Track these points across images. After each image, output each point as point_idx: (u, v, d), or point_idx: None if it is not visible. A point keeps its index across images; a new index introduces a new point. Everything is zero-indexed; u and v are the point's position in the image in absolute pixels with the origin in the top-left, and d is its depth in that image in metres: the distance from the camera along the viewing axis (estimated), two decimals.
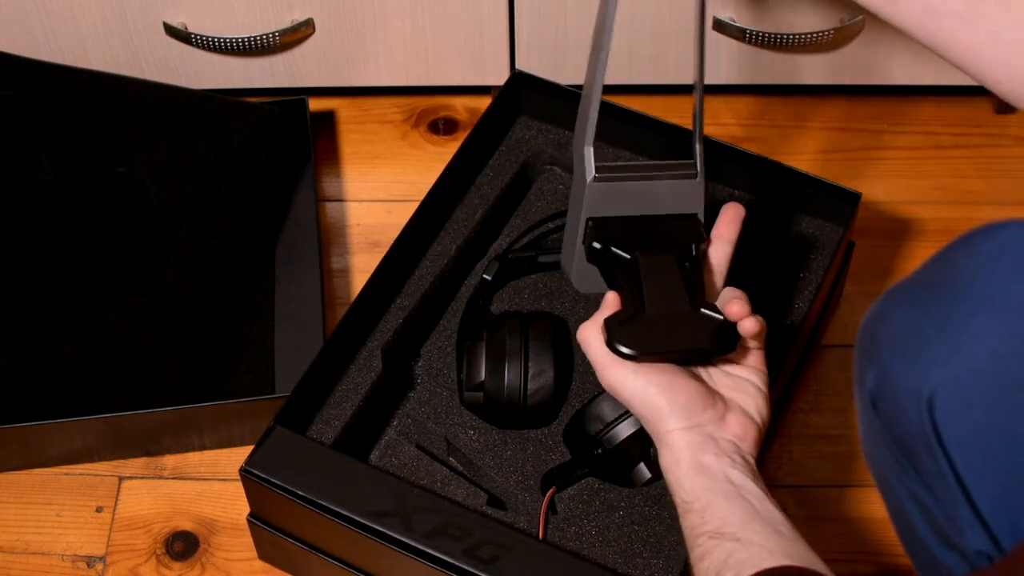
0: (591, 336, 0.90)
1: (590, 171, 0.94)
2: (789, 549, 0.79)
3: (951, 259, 0.75)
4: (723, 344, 0.90)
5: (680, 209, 0.97)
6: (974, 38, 0.82)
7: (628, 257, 0.93)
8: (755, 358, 0.93)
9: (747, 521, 0.81)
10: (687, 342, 0.89)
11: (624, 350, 0.88)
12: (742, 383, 0.91)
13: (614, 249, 0.94)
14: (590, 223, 0.95)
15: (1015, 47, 0.81)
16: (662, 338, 0.89)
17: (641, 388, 0.87)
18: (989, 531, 0.74)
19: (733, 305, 0.90)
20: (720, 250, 0.96)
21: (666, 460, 0.87)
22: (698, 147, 0.98)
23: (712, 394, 0.89)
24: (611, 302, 0.92)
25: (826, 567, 0.78)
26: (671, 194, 0.96)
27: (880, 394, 0.76)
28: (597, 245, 0.94)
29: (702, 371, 0.92)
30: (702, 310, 0.90)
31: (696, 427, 0.86)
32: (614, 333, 0.88)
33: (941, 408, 0.72)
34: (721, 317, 0.90)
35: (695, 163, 0.97)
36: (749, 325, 0.90)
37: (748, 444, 0.88)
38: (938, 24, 0.83)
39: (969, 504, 0.73)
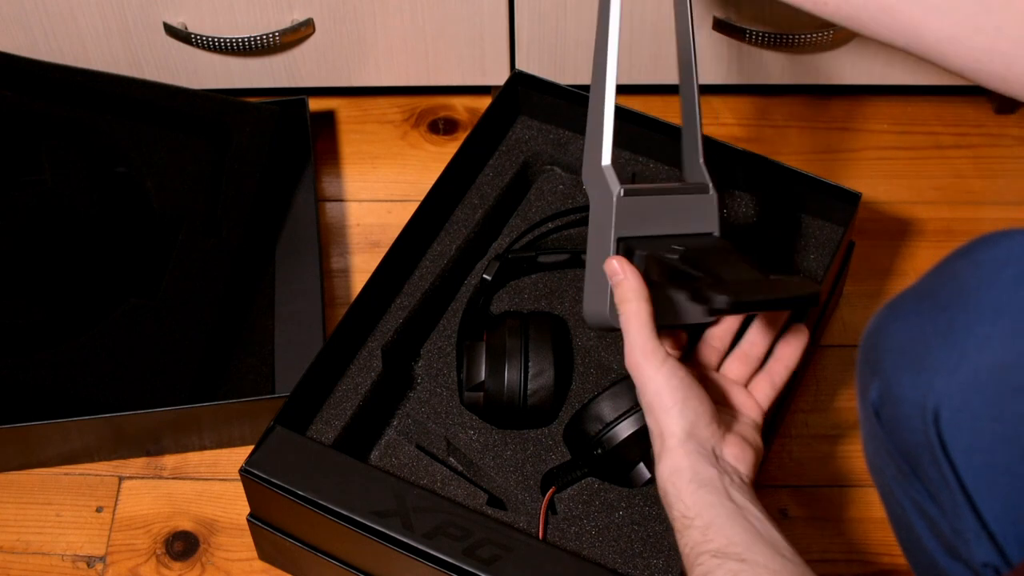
0: (633, 309, 0.89)
1: (615, 186, 0.92)
2: (795, 573, 0.79)
3: (954, 268, 0.74)
4: (810, 297, 0.88)
5: (698, 228, 0.96)
6: (940, 26, 0.83)
7: (677, 255, 0.91)
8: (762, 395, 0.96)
9: (752, 543, 0.81)
10: (782, 292, 0.88)
11: (722, 301, 0.84)
12: (739, 415, 0.94)
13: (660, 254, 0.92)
14: (621, 242, 0.93)
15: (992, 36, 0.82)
16: (754, 293, 0.86)
17: (664, 379, 0.87)
18: (995, 542, 0.73)
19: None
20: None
21: (665, 469, 0.86)
22: (702, 163, 0.98)
23: (718, 414, 0.89)
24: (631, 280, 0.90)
25: None
26: (690, 209, 0.96)
27: (884, 405, 0.75)
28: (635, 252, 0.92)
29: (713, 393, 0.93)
30: (772, 276, 0.89)
31: (697, 439, 0.86)
32: (707, 290, 0.85)
33: (946, 419, 0.71)
34: (795, 276, 0.92)
35: (705, 182, 0.97)
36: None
37: (746, 467, 0.88)
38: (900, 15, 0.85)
39: (975, 515, 0.73)
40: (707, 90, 1.41)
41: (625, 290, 0.89)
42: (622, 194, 0.92)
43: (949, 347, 0.71)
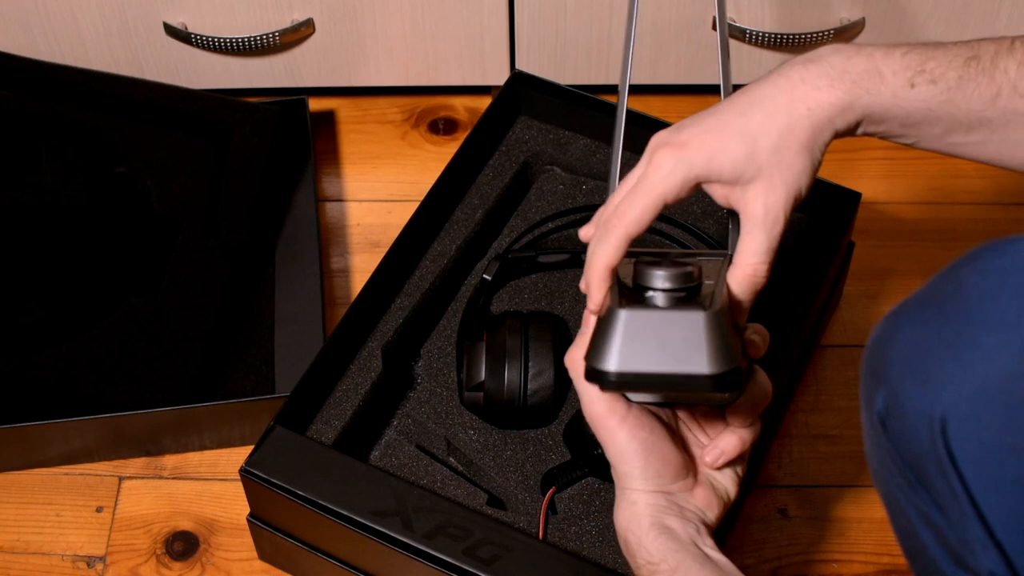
0: (579, 360, 0.82)
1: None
2: None
3: (959, 277, 0.73)
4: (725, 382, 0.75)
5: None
6: (999, 150, 0.87)
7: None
8: (745, 440, 0.88)
9: None
10: (682, 365, 0.74)
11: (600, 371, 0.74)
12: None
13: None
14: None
15: None
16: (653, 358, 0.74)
17: (624, 439, 0.83)
18: (1003, 552, 0.73)
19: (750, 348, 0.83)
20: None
21: (623, 518, 0.84)
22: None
23: (688, 465, 0.86)
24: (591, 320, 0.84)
25: None
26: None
27: (890, 415, 0.75)
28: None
29: (688, 433, 0.88)
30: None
31: (662, 492, 0.84)
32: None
33: (954, 429, 0.71)
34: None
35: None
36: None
37: (712, 515, 0.86)
38: (964, 141, 0.88)
39: (982, 524, 0.72)
40: (707, 90, 1.41)
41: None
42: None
43: (956, 358, 0.71)
